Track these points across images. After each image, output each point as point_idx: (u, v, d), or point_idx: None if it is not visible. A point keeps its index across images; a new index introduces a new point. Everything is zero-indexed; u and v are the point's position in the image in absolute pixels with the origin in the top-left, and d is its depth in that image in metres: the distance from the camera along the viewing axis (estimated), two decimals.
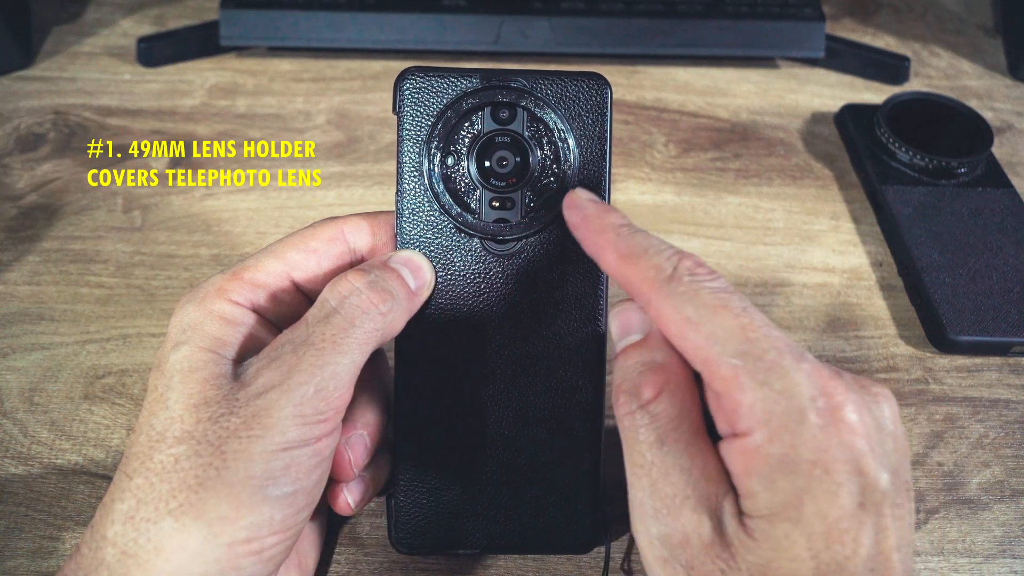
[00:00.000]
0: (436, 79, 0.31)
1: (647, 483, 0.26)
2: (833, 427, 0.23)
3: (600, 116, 0.31)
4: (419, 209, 0.31)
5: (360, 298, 0.28)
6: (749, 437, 0.24)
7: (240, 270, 0.30)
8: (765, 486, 0.24)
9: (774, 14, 0.60)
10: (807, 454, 0.23)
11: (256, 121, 0.56)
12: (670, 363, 0.27)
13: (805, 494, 0.23)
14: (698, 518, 0.25)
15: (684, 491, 0.25)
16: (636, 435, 0.26)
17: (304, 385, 0.27)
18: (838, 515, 0.23)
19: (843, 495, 0.23)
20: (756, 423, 0.24)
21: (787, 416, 0.24)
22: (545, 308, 0.31)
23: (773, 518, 0.23)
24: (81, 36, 0.63)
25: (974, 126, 0.53)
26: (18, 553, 0.34)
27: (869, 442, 0.24)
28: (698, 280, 0.26)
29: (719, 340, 0.25)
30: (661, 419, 0.26)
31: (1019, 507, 0.37)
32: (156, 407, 0.27)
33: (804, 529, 0.23)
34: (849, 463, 0.23)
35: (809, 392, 0.24)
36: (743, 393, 0.24)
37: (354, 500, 0.32)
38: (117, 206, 0.50)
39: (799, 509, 0.23)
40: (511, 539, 0.32)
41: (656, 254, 0.27)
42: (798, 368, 0.24)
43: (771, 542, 0.23)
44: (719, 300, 0.25)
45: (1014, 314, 0.43)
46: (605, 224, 0.28)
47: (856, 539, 0.23)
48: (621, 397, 0.27)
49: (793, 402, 0.24)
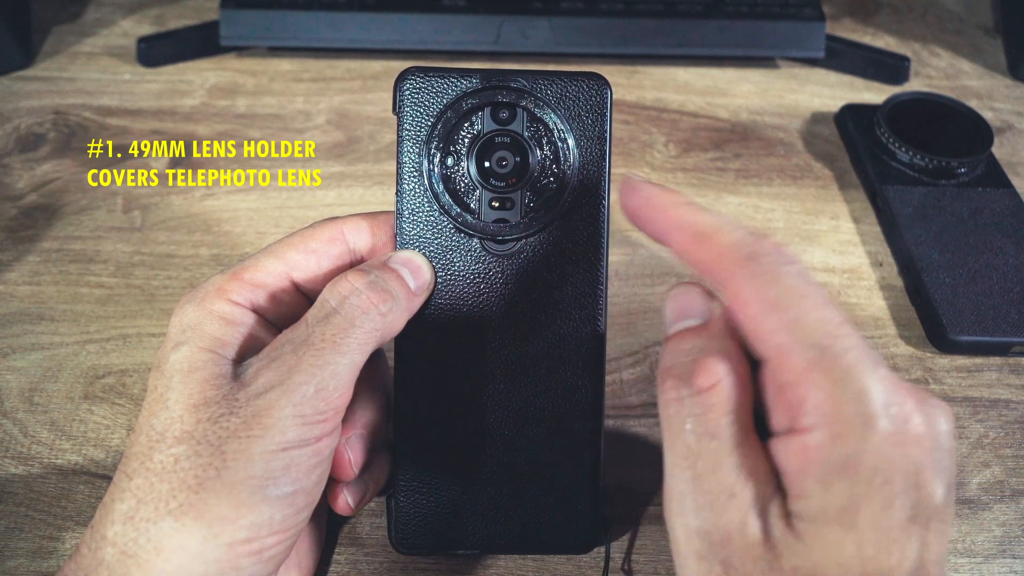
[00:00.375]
0: (436, 79, 0.31)
1: (690, 475, 0.25)
2: (901, 437, 0.23)
3: (600, 116, 0.31)
4: (419, 209, 0.31)
5: (360, 298, 0.28)
6: (810, 434, 0.23)
7: (240, 270, 0.30)
8: (821, 488, 0.23)
9: (774, 14, 0.60)
10: (871, 461, 0.23)
11: (256, 121, 0.56)
12: (731, 354, 0.25)
13: (862, 501, 0.22)
14: (743, 517, 0.24)
15: (732, 488, 0.24)
16: (683, 424, 0.25)
17: (304, 385, 0.27)
18: (889, 525, 0.23)
19: (897, 506, 0.23)
20: (822, 421, 0.23)
21: (857, 419, 0.23)
22: (545, 308, 0.31)
23: (825, 522, 0.23)
24: (81, 36, 0.63)
25: (974, 126, 0.53)
26: (18, 553, 0.34)
27: (930, 456, 0.23)
28: (781, 263, 0.25)
29: (800, 329, 0.24)
30: (715, 411, 0.25)
31: (1019, 507, 0.37)
32: (156, 407, 0.27)
33: (856, 537, 0.22)
34: (910, 475, 0.23)
35: (883, 399, 0.23)
36: (813, 389, 0.23)
37: (354, 500, 0.32)
38: (117, 206, 0.50)
39: (854, 516, 0.22)
40: (511, 539, 0.32)
41: (733, 231, 0.26)
42: (875, 373, 0.23)
43: (820, 546, 0.23)
44: (803, 287, 0.24)
45: (1014, 314, 0.43)
46: (670, 202, 0.27)
47: (903, 551, 0.23)
48: (669, 381, 0.26)
49: (865, 407, 0.23)
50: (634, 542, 0.35)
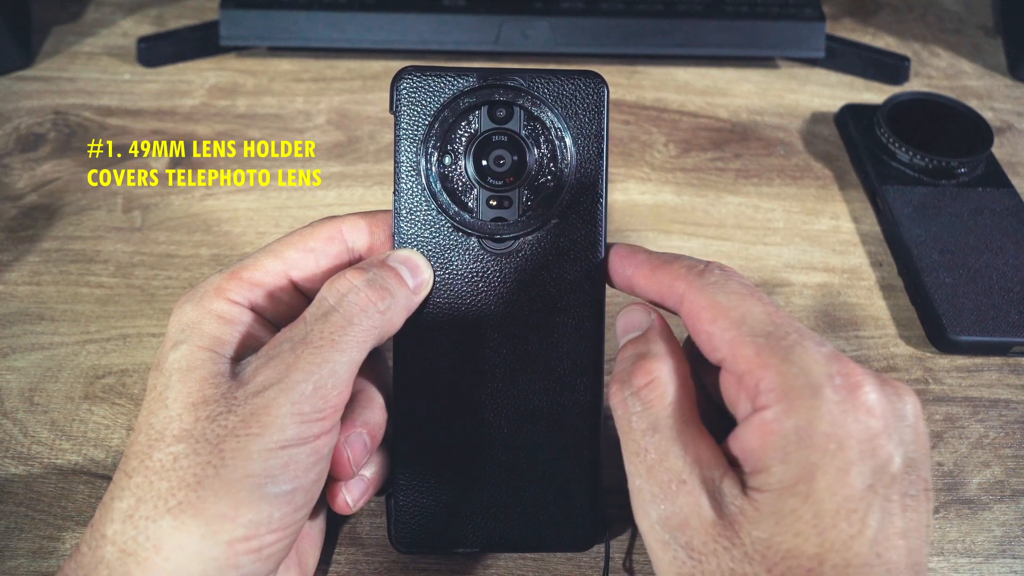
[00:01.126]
0: (433, 78, 0.31)
1: (643, 469, 0.27)
2: (850, 404, 0.24)
3: (597, 115, 0.31)
4: (416, 208, 0.31)
5: (358, 296, 0.28)
6: (767, 410, 0.25)
7: (238, 269, 0.30)
8: (780, 459, 0.24)
9: (774, 14, 0.60)
10: (823, 427, 0.24)
11: (256, 121, 0.56)
12: (663, 353, 0.28)
13: (817, 469, 0.23)
14: (695, 499, 0.25)
15: (680, 475, 0.26)
16: (629, 422, 0.27)
17: (302, 383, 0.27)
18: (847, 493, 0.23)
19: (854, 473, 0.23)
20: (775, 397, 0.25)
21: (805, 389, 0.24)
22: (543, 306, 0.31)
23: (783, 492, 0.24)
24: (81, 36, 0.63)
25: (974, 126, 0.53)
26: (18, 553, 0.34)
27: (885, 424, 0.24)
28: (727, 275, 0.28)
29: (746, 322, 0.26)
30: (654, 406, 0.27)
31: (1019, 507, 0.37)
32: (155, 406, 0.27)
33: (813, 505, 0.23)
34: (863, 442, 0.24)
35: (827, 370, 0.25)
36: (765, 369, 0.25)
37: (353, 499, 0.32)
38: (117, 206, 0.50)
39: (810, 484, 0.23)
40: (511, 538, 0.32)
41: (685, 258, 0.29)
42: (818, 349, 0.25)
43: (777, 516, 0.24)
44: (747, 290, 0.27)
45: (1014, 314, 0.43)
46: (632, 253, 0.31)
47: (864, 519, 0.23)
48: (614, 385, 0.28)
49: (811, 377, 0.24)
50: (634, 540, 0.35)
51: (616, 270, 0.31)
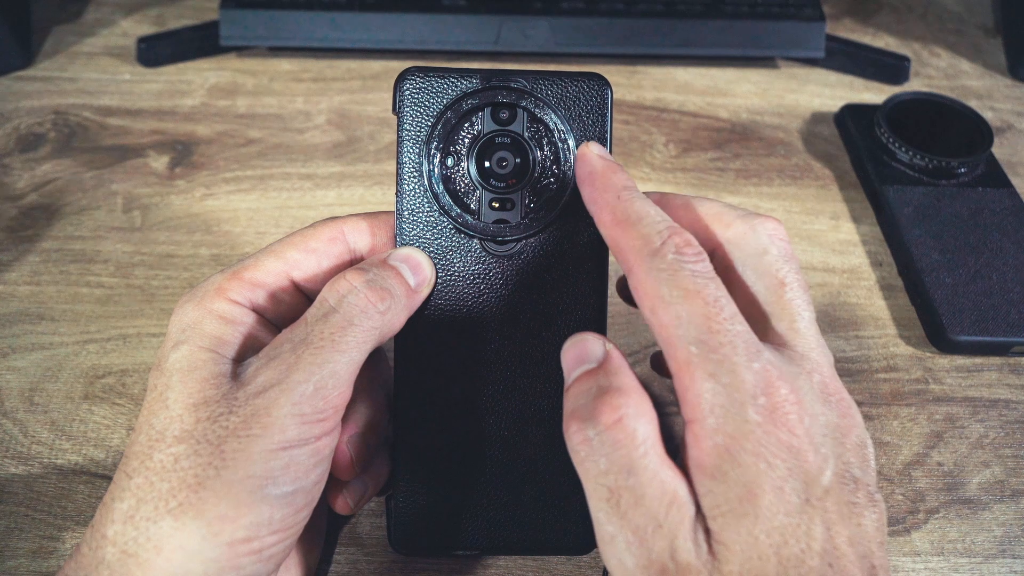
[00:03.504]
0: (436, 79, 0.31)
1: (616, 515, 0.24)
2: (771, 425, 0.24)
3: (600, 117, 0.31)
4: (419, 210, 0.31)
5: (358, 297, 0.28)
6: (699, 425, 0.24)
7: (240, 269, 0.30)
8: (717, 478, 0.24)
9: (774, 14, 0.60)
10: (748, 446, 0.24)
11: (256, 121, 0.56)
12: (627, 386, 0.26)
13: (756, 488, 0.23)
14: (672, 543, 0.24)
15: (656, 519, 0.24)
16: (596, 464, 0.25)
17: (303, 384, 0.27)
18: (787, 510, 0.23)
19: (787, 491, 0.24)
20: (702, 412, 0.24)
21: (729, 410, 0.24)
22: (545, 309, 0.31)
23: (732, 515, 0.24)
24: (81, 36, 0.63)
25: (974, 126, 0.53)
26: (18, 553, 0.34)
27: (811, 441, 0.24)
28: (682, 259, 0.26)
29: (683, 324, 0.25)
30: (624, 446, 0.25)
31: (1019, 507, 0.37)
32: (156, 406, 0.27)
33: (763, 525, 0.23)
34: (788, 460, 0.24)
35: (752, 390, 0.24)
36: (693, 382, 0.24)
37: (353, 500, 0.32)
38: (117, 206, 0.50)
39: (755, 504, 0.23)
40: (511, 540, 0.32)
41: (649, 225, 0.27)
42: (748, 366, 0.24)
43: (740, 544, 0.23)
44: (695, 284, 0.25)
45: (1014, 314, 0.43)
46: (608, 183, 0.28)
47: (808, 533, 0.23)
48: (573, 424, 0.26)
49: (736, 397, 0.24)
50: None
51: (584, 187, 0.29)
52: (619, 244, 0.27)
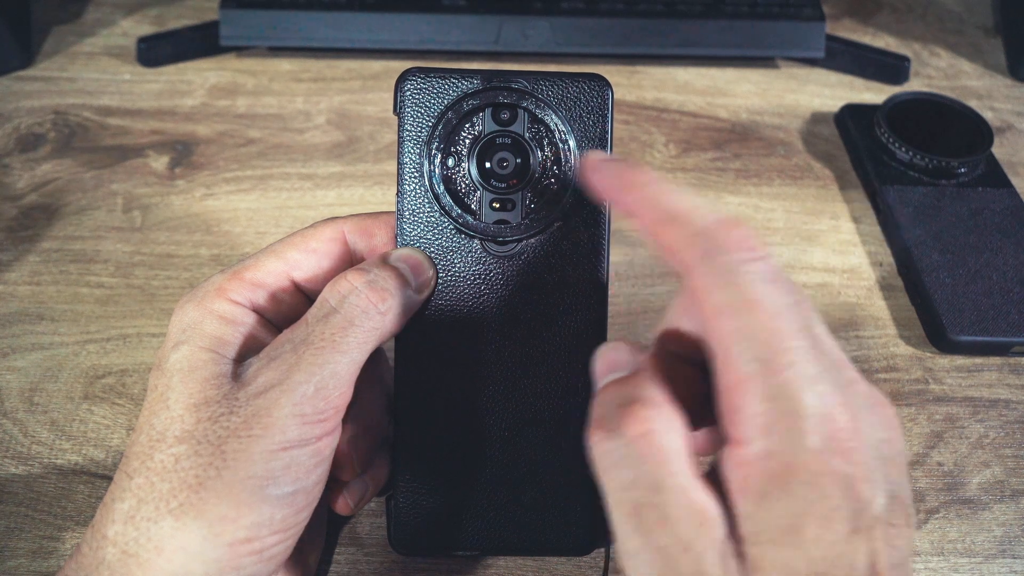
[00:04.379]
0: (437, 80, 0.31)
1: (639, 535, 0.23)
2: (830, 453, 0.22)
3: (601, 117, 0.31)
4: (419, 210, 0.31)
5: (359, 297, 0.28)
6: (747, 447, 0.23)
7: (240, 270, 0.30)
8: (763, 505, 0.22)
9: (774, 14, 0.60)
10: (803, 475, 0.22)
11: (256, 121, 0.56)
12: (659, 400, 0.24)
13: (803, 516, 0.22)
14: (700, 567, 0.22)
15: (684, 542, 0.23)
16: (620, 477, 0.23)
17: (304, 384, 0.27)
18: (833, 540, 0.22)
19: (837, 520, 0.22)
20: (755, 433, 0.23)
21: (787, 434, 0.22)
22: (545, 309, 0.31)
23: (773, 543, 0.22)
24: (81, 36, 0.63)
25: (974, 126, 0.53)
26: (18, 553, 0.34)
27: (865, 469, 0.23)
28: (742, 261, 0.23)
29: (743, 338, 0.23)
30: (652, 461, 0.23)
31: (1019, 507, 0.37)
32: (156, 407, 0.27)
33: (804, 555, 0.22)
34: (844, 488, 0.22)
35: (814, 415, 0.22)
36: (748, 400, 0.23)
37: (353, 500, 0.32)
38: (117, 206, 0.50)
39: (799, 534, 0.22)
40: (511, 541, 0.32)
41: (701, 217, 0.24)
42: (812, 389, 0.23)
43: (776, 572, 0.22)
44: (757, 292, 0.23)
45: (1014, 314, 0.43)
46: (635, 183, 0.26)
47: (852, 564, 0.22)
48: (597, 434, 0.24)
49: (796, 422, 0.22)
50: None
51: (612, 196, 0.26)
52: (667, 244, 0.25)
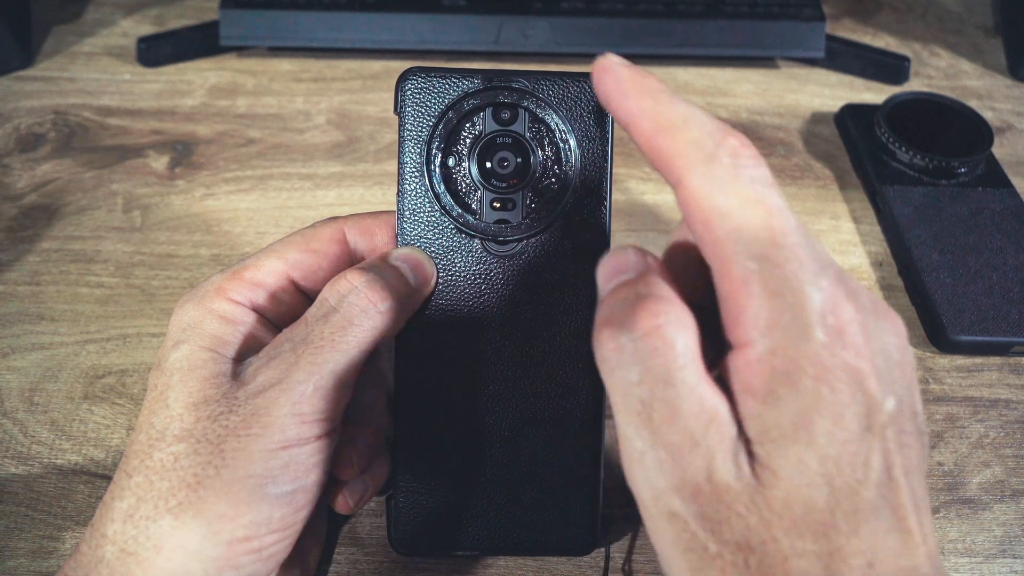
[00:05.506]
0: (437, 79, 0.31)
1: (647, 431, 0.22)
2: (838, 346, 0.22)
3: (602, 117, 0.31)
4: (420, 209, 0.31)
5: (359, 296, 0.28)
6: (751, 348, 0.22)
7: (240, 269, 0.30)
8: (770, 403, 0.22)
9: (774, 14, 0.60)
10: (811, 370, 0.22)
11: (256, 121, 0.56)
12: (669, 296, 0.23)
13: (813, 412, 0.21)
14: (710, 463, 0.22)
15: (692, 437, 0.22)
16: (627, 375, 0.23)
17: (303, 383, 0.27)
18: (845, 437, 0.21)
19: (848, 416, 0.22)
20: (759, 333, 0.22)
21: (792, 328, 0.22)
22: (546, 309, 0.31)
23: (783, 441, 0.21)
24: (81, 36, 0.63)
25: (974, 126, 0.53)
26: (18, 553, 0.34)
27: (874, 365, 0.22)
28: (740, 165, 0.23)
29: (742, 238, 0.22)
30: (663, 355, 0.22)
31: (1019, 507, 0.37)
32: (156, 406, 0.27)
33: (816, 452, 0.21)
34: (853, 384, 0.22)
35: (819, 308, 0.22)
36: (751, 300, 0.22)
37: (354, 500, 0.32)
38: (117, 206, 0.50)
39: (809, 429, 0.21)
40: (511, 541, 0.32)
41: (698, 126, 0.24)
42: (815, 283, 0.22)
43: (787, 469, 0.21)
44: (756, 193, 0.23)
45: (1014, 314, 0.43)
46: (642, 87, 0.25)
47: (867, 463, 0.22)
48: (605, 331, 0.23)
49: (800, 315, 0.22)
50: (634, 542, 0.35)
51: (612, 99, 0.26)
52: (664, 153, 0.24)
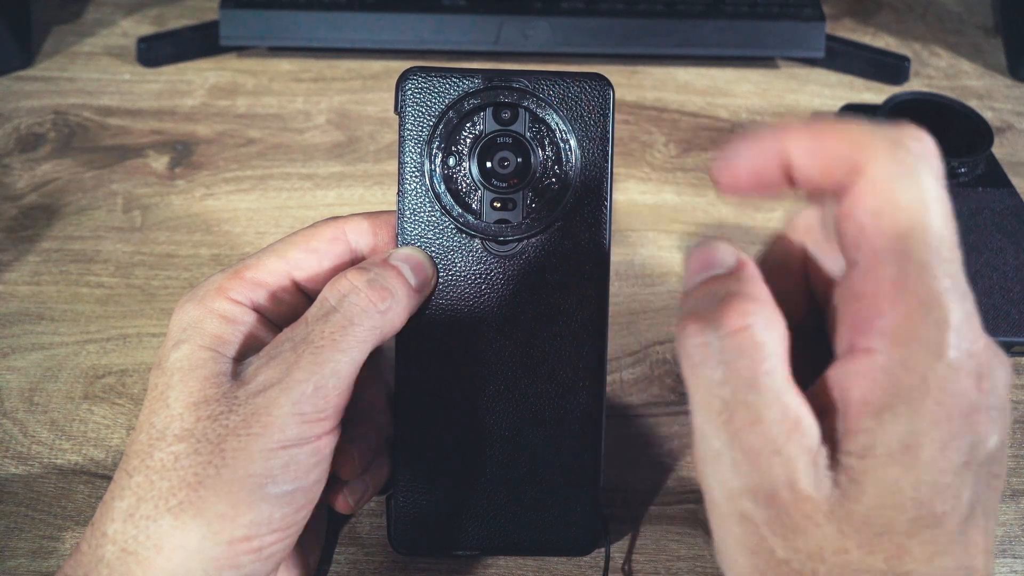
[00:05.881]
0: (438, 79, 0.31)
1: (727, 432, 0.22)
2: (964, 373, 0.21)
3: (602, 117, 0.31)
4: (420, 209, 0.31)
5: (359, 296, 0.28)
6: (876, 356, 0.21)
7: (241, 269, 0.30)
8: (885, 418, 0.21)
9: (774, 14, 0.60)
10: (935, 393, 0.21)
11: (256, 121, 0.56)
12: (761, 296, 0.23)
13: (924, 436, 0.21)
14: (791, 473, 0.21)
15: (774, 444, 0.21)
16: (712, 372, 0.22)
17: (303, 383, 0.27)
18: (945, 467, 0.21)
19: (954, 448, 0.21)
20: (892, 342, 0.21)
21: (931, 344, 0.21)
22: (546, 309, 0.31)
23: (884, 460, 0.21)
24: (81, 36, 0.63)
25: (974, 126, 0.53)
26: (18, 553, 0.34)
27: (985, 400, 0.21)
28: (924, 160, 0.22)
29: (912, 238, 0.21)
30: (751, 357, 0.22)
31: (1019, 507, 0.37)
32: (157, 405, 0.27)
33: (914, 476, 0.21)
34: (966, 415, 0.21)
35: (959, 332, 0.21)
36: (894, 305, 0.21)
37: (354, 499, 0.32)
38: (117, 206, 0.50)
39: (915, 453, 0.21)
40: (511, 541, 0.32)
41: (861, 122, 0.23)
42: (961, 308, 0.21)
43: (877, 488, 0.21)
44: (933, 196, 0.22)
45: (1014, 314, 0.43)
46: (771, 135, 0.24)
47: (958, 496, 0.21)
48: (691, 325, 0.23)
49: (941, 335, 0.21)
50: (634, 542, 0.35)
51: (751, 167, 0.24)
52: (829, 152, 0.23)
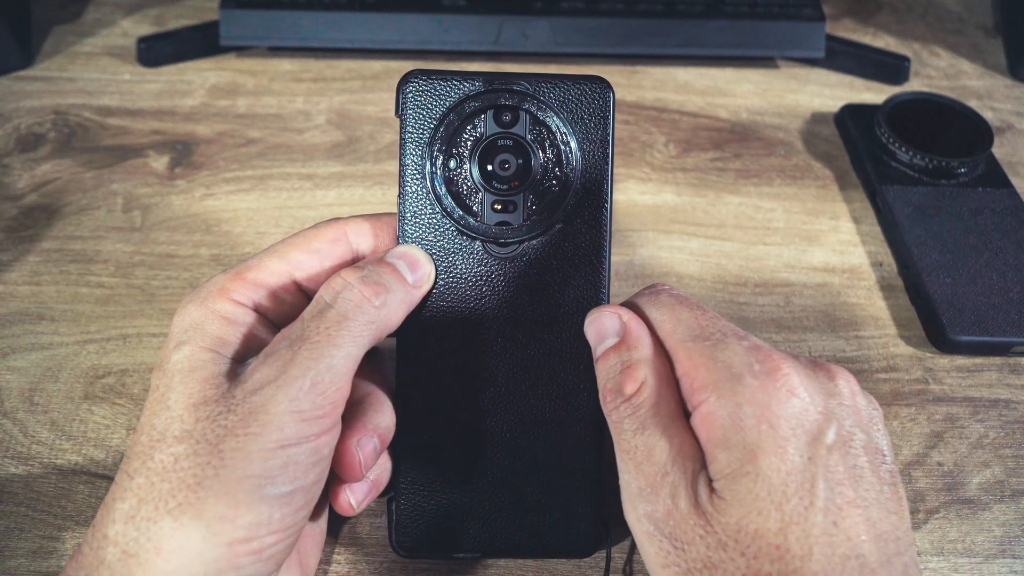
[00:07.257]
0: (439, 82, 0.31)
1: (632, 466, 0.28)
2: (771, 386, 0.26)
3: (603, 119, 0.31)
4: (421, 211, 0.31)
5: (353, 292, 0.28)
6: (704, 405, 0.27)
7: (242, 270, 0.30)
8: (722, 447, 0.26)
9: (774, 14, 0.60)
10: (750, 410, 0.26)
11: (256, 121, 0.56)
12: (645, 356, 0.29)
13: (757, 449, 0.25)
14: (675, 491, 0.27)
15: (663, 468, 0.27)
16: (622, 426, 0.29)
17: (299, 379, 0.27)
18: (789, 468, 0.25)
19: (790, 449, 0.25)
20: (707, 391, 0.27)
21: (728, 380, 0.27)
22: (547, 311, 0.31)
23: (735, 476, 0.25)
24: (81, 36, 0.63)
25: (974, 126, 0.53)
26: (18, 553, 0.34)
27: (812, 400, 0.27)
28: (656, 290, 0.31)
29: (678, 330, 0.29)
30: (642, 408, 0.28)
31: (1019, 507, 0.37)
32: (157, 406, 0.27)
33: (763, 483, 0.25)
34: (792, 419, 0.26)
35: (746, 359, 0.27)
36: (696, 369, 0.28)
37: (356, 500, 0.32)
38: (117, 206, 0.50)
39: (755, 463, 0.25)
40: (512, 543, 0.32)
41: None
42: (739, 343, 0.28)
43: (737, 500, 0.25)
44: (675, 299, 0.30)
45: (1014, 314, 0.43)
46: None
47: (812, 491, 0.25)
48: (607, 396, 0.29)
49: (733, 368, 0.27)
50: (635, 544, 0.35)
51: None
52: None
